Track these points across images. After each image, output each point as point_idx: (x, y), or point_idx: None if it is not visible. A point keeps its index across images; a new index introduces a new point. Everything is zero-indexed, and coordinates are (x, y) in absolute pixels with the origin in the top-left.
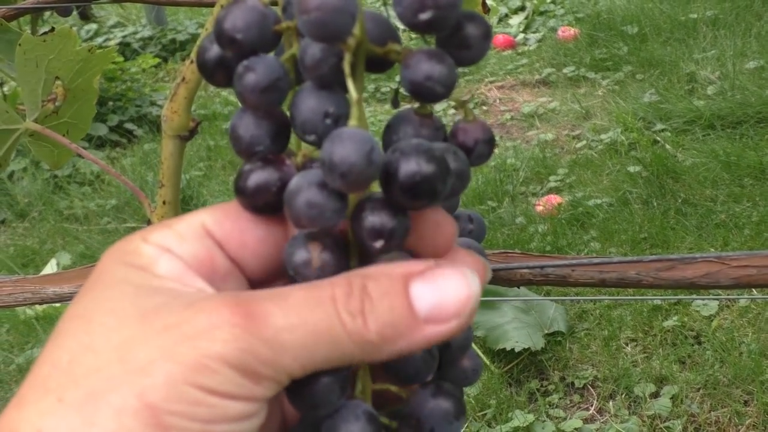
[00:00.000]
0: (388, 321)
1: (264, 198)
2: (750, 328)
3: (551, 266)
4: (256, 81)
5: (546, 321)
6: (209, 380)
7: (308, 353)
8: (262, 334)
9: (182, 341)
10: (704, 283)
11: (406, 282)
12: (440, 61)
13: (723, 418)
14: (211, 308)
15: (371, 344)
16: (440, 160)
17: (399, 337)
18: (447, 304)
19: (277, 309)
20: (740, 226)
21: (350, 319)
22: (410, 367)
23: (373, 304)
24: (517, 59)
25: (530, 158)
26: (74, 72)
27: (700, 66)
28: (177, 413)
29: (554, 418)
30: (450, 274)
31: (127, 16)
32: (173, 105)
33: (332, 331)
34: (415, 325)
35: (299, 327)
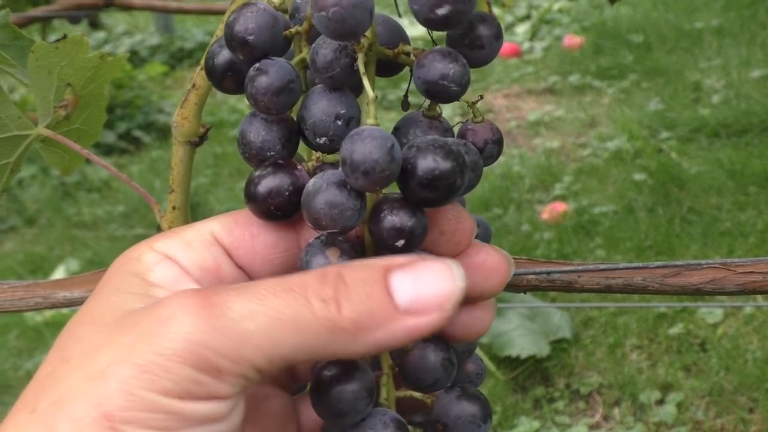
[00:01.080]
0: (364, 309)
1: (276, 203)
2: (755, 335)
3: (557, 272)
4: (269, 83)
5: (551, 328)
6: (163, 380)
7: (273, 343)
8: (220, 324)
9: (139, 339)
10: (710, 289)
11: (385, 272)
12: (455, 60)
13: (728, 426)
14: (169, 302)
15: (345, 333)
16: (457, 154)
17: (376, 326)
18: (428, 295)
19: (239, 297)
20: (745, 234)
21: (321, 306)
22: (428, 374)
23: (349, 292)
24: (523, 67)
25: (536, 166)
26: (86, 79)
27: (705, 75)
28: (133, 421)
29: (560, 424)
30: (434, 266)
31: (136, 24)
32: (184, 111)
33: (300, 318)
34: (395, 315)
35: (261, 314)
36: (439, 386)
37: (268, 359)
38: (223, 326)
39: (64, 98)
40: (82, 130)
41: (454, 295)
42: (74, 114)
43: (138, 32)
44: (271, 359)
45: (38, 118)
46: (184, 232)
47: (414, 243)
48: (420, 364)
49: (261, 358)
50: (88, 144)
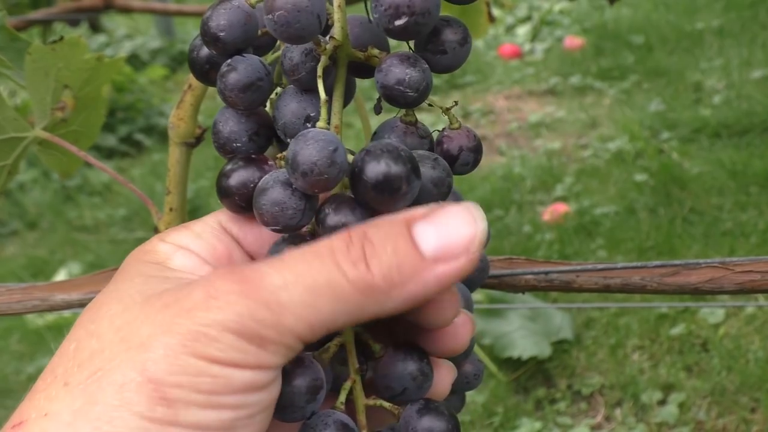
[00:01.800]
0: (393, 263)
1: (245, 197)
2: (757, 335)
3: (556, 272)
4: (237, 80)
5: (553, 329)
6: (210, 348)
7: (311, 310)
8: (259, 296)
9: (180, 314)
10: (708, 288)
11: (408, 225)
12: (413, 65)
13: (730, 426)
14: (207, 281)
15: (378, 290)
16: (405, 160)
17: (407, 279)
18: (453, 240)
19: (272, 270)
20: (746, 234)
21: (351, 268)
22: (396, 382)
23: (375, 249)
24: (524, 69)
25: (537, 167)
26: (83, 80)
27: (706, 75)
28: (180, 385)
29: (561, 425)
30: (454, 211)
31: (137, 27)
32: (179, 112)
33: (333, 283)
34: (423, 265)
35: (296, 283)
36: (409, 396)
37: (309, 326)
38: (263, 298)
39: (61, 100)
40: (79, 132)
41: (478, 237)
42: (72, 116)
43: (139, 35)
44: (311, 326)
45: (35, 121)
46: (192, 225)
47: None
48: (388, 371)
49: (302, 326)
50: (86, 146)
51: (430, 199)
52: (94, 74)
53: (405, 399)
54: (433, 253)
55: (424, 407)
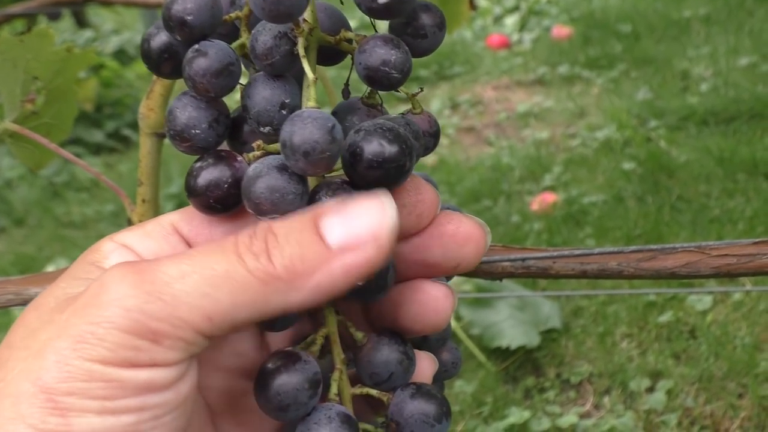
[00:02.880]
0: (296, 254)
1: (215, 195)
2: (744, 321)
3: (532, 258)
4: (209, 65)
5: (541, 318)
6: (98, 349)
7: (209, 300)
8: (153, 288)
9: (74, 314)
10: (685, 273)
11: (315, 218)
12: (397, 47)
13: (718, 412)
14: (104, 274)
15: (279, 281)
16: (405, 138)
17: (311, 270)
18: (360, 229)
19: (169, 261)
20: (734, 221)
21: (252, 259)
22: (382, 368)
23: (278, 241)
24: (512, 59)
25: (525, 157)
26: (53, 72)
27: (693, 63)
28: (71, 392)
29: (550, 414)
30: (362, 201)
31: (123, 22)
32: (149, 102)
33: (232, 273)
34: (328, 255)
35: (192, 273)
36: (395, 381)
37: (208, 319)
38: (156, 290)
39: (31, 91)
40: (51, 124)
41: (387, 225)
42: (43, 108)
43: (126, 30)
44: (210, 318)
45: (5, 113)
46: (145, 224)
47: None
48: (373, 358)
49: (199, 319)
50: (59, 139)
51: None
52: (64, 66)
53: (391, 385)
54: (338, 243)
55: (416, 391)
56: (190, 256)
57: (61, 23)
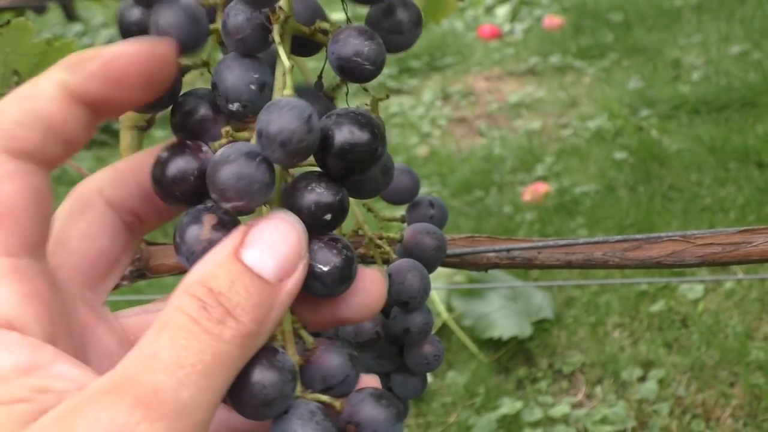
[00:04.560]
0: (253, 304)
1: (181, 189)
2: (736, 310)
3: (517, 249)
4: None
5: (533, 309)
6: None
7: (212, 393)
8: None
9: None
10: (670, 262)
11: (238, 258)
12: (370, 38)
13: (709, 400)
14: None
15: (254, 335)
16: (375, 123)
17: (269, 311)
18: (286, 254)
19: (156, 373)
20: (726, 209)
21: (223, 328)
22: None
23: (231, 299)
24: (504, 49)
25: (517, 147)
26: (33, 65)
27: (684, 52)
28: None
29: (542, 404)
30: (269, 225)
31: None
32: None
33: (218, 354)
34: (275, 290)
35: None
36: (350, 383)
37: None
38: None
39: (11, 83)
40: None
41: (302, 240)
42: None
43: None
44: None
45: None
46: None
47: (340, 218)
48: (327, 361)
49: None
50: None
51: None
52: (44, 59)
53: (343, 389)
54: (276, 276)
55: (374, 392)
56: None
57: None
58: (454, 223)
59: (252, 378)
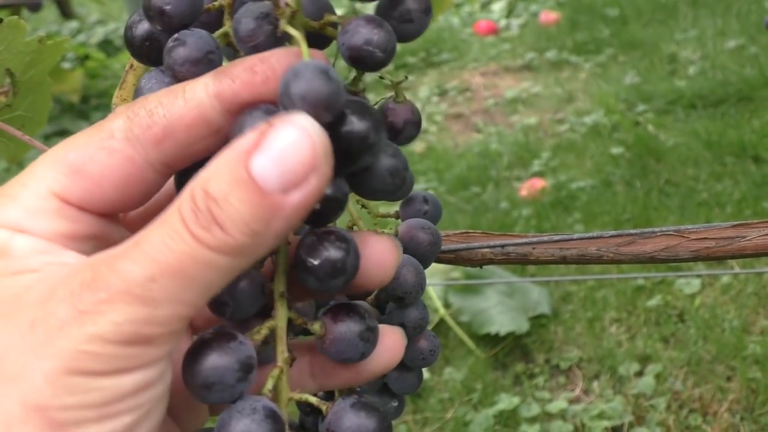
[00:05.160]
0: (247, 216)
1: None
2: (732, 304)
3: (512, 245)
4: (187, 54)
5: (530, 304)
6: (93, 363)
7: (187, 292)
8: (131, 297)
9: (51, 335)
10: (664, 256)
11: (245, 164)
12: (380, 26)
13: (706, 395)
14: (70, 294)
15: (244, 246)
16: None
17: (268, 223)
18: (295, 163)
19: (133, 263)
20: (722, 204)
21: (208, 235)
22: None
23: (222, 207)
24: (500, 45)
25: (513, 143)
26: (26, 64)
27: (681, 47)
28: (67, 407)
29: (540, 400)
30: (283, 130)
31: (109, 13)
32: (122, 93)
33: (198, 258)
34: (276, 202)
35: (163, 272)
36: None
37: (189, 305)
38: (135, 298)
39: (5, 84)
40: (25, 117)
41: (318, 148)
42: (17, 100)
43: (111, 21)
44: (191, 304)
45: None
46: (18, 197)
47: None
48: (340, 346)
49: (183, 309)
50: (34, 131)
51: (383, 188)
52: (36, 57)
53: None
54: (279, 187)
55: (356, 402)
56: (146, 251)
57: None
58: (450, 219)
59: (196, 357)
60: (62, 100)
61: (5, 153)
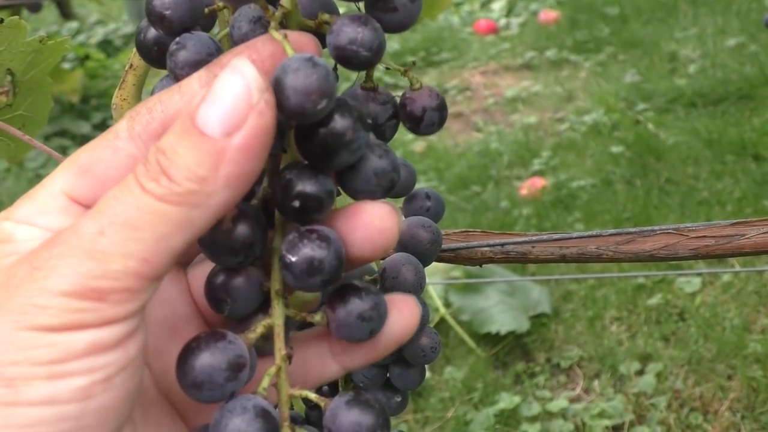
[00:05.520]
0: (190, 161)
1: None
2: (733, 303)
3: (512, 243)
4: (187, 57)
5: (531, 303)
6: (42, 317)
7: (137, 244)
8: (80, 250)
9: (8, 294)
10: (663, 255)
11: (191, 116)
12: (364, 24)
13: (707, 393)
14: (30, 253)
15: (192, 194)
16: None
17: (213, 168)
18: (231, 105)
19: (87, 219)
20: (722, 202)
21: (155, 185)
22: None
23: (169, 157)
24: (500, 44)
25: (514, 142)
26: (26, 64)
27: (681, 45)
28: (16, 362)
29: (540, 399)
30: (220, 78)
31: (108, 13)
32: (122, 92)
33: (145, 209)
34: (218, 146)
35: (111, 224)
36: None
37: (144, 261)
38: (84, 251)
39: (5, 84)
40: (26, 116)
41: (252, 87)
42: (17, 100)
43: (111, 21)
44: (146, 260)
45: None
46: (35, 195)
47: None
48: (344, 325)
49: (136, 263)
50: (35, 131)
51: (368, 188)
52: (37, 57)
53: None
54: (220, 130)
55: (353, 399)
56: (101, 208)
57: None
58: (451, 218)
59: (187, 357)
60: (62, 100)
61: (6, 153)
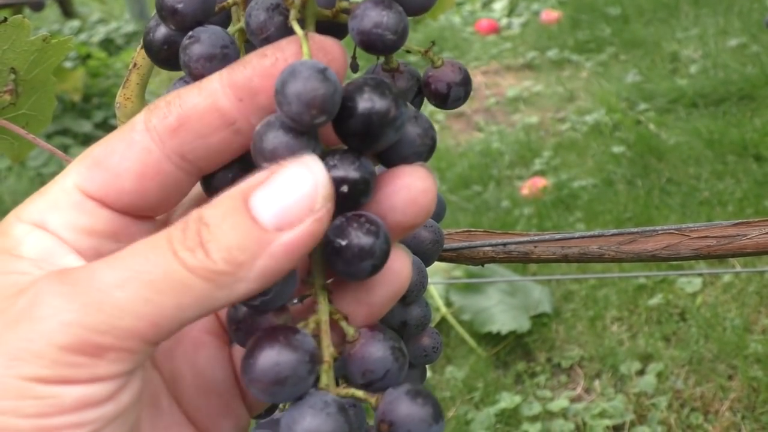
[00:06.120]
0: (233, 243)
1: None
2: (734, 303)
3: (513, 243)
4: (201, 50)
5: (532, 303)
6: (33, 366)
7: (153, 307)
8: (90, 298)
9: (5, 328)
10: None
11: (245, 196)
12: (388, 7)
13: (708, 394)
14: (33, 286)
15: (224, 275)
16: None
17: (253, 257)
18: (293, 203)
19: (105, 266)
20: (724, 203)
21: (189, 255)
22: (378, 365)
23: (212, 231)
24: (501, 44)
25: (515, 142)
26: (30, 62)
27: (682, 45)
28: (3, 412)
29: (541, 398)
30: (288, 170)
31: (110, 12)
32: (126, 91)
33: (172, 274)
34: (267, 238)
35: (132, 279)
36: (391, 379)
37: (154, 326)
38: (94, 301)
39: (9, 82)
40: (30, 115)
41: (320, 193)
42: (21, 99)
43: (113, 20)
44: (156, 325)
45: None
46: (49, 191)
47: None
48: (368, 354)
49: (145, 327)
50: (38, 130)
51: (414, 150)
52: (41, 56)
53: (385, 384)
54: (273, 223)
55: (410, 390)
56: (124, 260)
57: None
58: (452, 218)
59: (264, 353)
60: (64, 99)
61: (9, 151)
